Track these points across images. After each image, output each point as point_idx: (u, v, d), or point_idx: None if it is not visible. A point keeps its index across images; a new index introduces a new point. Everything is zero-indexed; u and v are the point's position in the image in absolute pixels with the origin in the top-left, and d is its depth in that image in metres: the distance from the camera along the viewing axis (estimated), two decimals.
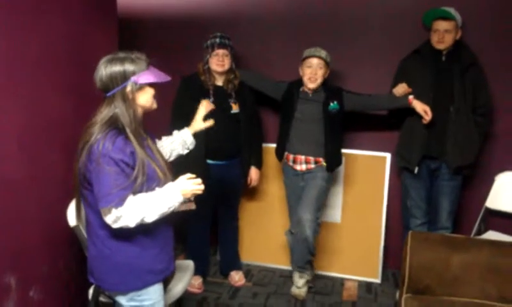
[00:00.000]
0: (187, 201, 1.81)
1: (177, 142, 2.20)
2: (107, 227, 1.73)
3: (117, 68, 1.73)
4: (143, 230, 1.77)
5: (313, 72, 2.92)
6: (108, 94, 1.76)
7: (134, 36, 3.49)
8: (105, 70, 1.74)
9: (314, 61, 2.91)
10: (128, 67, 1.74)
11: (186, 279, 2.35)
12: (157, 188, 1.77)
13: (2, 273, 1.95)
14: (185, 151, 2.24)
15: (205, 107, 2.35)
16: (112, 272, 1.82)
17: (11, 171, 1.98)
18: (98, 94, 1.81)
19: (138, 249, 1.81)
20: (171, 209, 1.77)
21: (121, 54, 1.77)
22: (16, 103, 1.99)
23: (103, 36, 2.65)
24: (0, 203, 1.92)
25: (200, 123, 2.30)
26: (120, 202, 1.66)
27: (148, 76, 1.77)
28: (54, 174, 2.25)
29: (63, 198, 2.21)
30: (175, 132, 2.24)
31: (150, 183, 1.76)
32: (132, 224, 1.70)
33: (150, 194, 1.74)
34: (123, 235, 1.77)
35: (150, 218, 1.72)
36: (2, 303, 1.96)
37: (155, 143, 2.00)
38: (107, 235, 1.79)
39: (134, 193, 1.71)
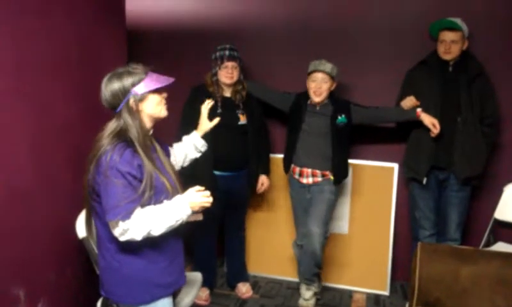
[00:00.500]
0: (194, 213, 1.81)
1: (188, 147, 2.22)
2: (115, 240, 1.74)
3: (116, 84, 1.75)
4: (151, 243, 1.77)
5: (317, 86, 2.92)
6: (116, 111, 1.78)
7: (142, 45, 3.52)
8: (106, 89, 1.77)
9: (319, 76, 2.91)
10: (126, 80, 1.75)
11: (194, 291, 2.34)
12: (165, 201, 1.77)
13: (11, 285, 1.96)
14: (198, 154, 2.26)
15: (206, 105, 2.33)
16: (121, 284, 1.82)
17: (20, 181, 1.99)
18: None
19: (146, 262, 1.81)
20: (179, 222, 1.77)
21: (120, 69, 1.79)
22: (24, 111, 2.00)
23: (112, 45, 2.68)
24: (9, 213, 1.94)
25: (206, 122, 2.29)
26: (127, 215, 1.67)
27: (147, 84, 1.77)
28: (62, 185, 2.26)
29: (72, 208, 2.23)
30: (184, 138, 2.26)
31: (158, 195, 1.76)
32: (138, 237, 1.70)
33: (157, 206, 1.74)
34: (131, 248, 1.77)
35: (157, 231, 1.72)
36: None
37: (168, 155, 2.02)
38: (115, 248, 1.79)
39: (142, 206, 1.72)
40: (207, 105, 2.33)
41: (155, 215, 1.71)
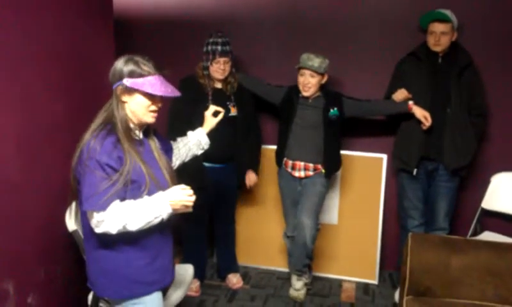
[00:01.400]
0: (176, 212, 1.75)
1: (192, 143, 2.19)
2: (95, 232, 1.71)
3: (120, 65, 1.73)
4: (128, 239, 1.73)
5: (305, 82, 2.90)
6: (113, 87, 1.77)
7: (129, 37, 3.45)
8: (116, 64, 1.75)
9: (306, 71, 2.89)
10: (128, 67, 1.72)
11: (186, 284, 2.33)
12: (145, 196, 1.72)
13: (0, 279, 1.92)
14: (200, 152, 2.23)
15: (212, 108, 2.30)
16: (101, 276, 1.81)
17: (9, 174, 1.94)
18: (95, 94, 1.79)
19: (124, 258, 1.77)
20: (158, 219, 1.71)
21: (137, 57, 1.75)
22: (12, 105, 1.95)
23: (99, 38, 2.62)
24: None
25: (211, 119, 2.26)
26: (103, 206, 1.63)
27: (141, 83, 1.70)
28: (52, 178, 2.22)
29: (61, 202, 2.18)
30: (190, 133, 2.22)
31: (137, 190, 1.71)
32: (113, 230, 1.66)
33: (136, 201, 1.69)
34: (110, 241, 1.74)
35: (133, 226, 1.67)
36: None
37: (169, 150, 1.99)
38: (96, 241, 1.76)
39: (122, 199, 1.68)
40: (211, 109, 2.28)
41: (132, 209, 1.66)
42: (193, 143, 2.18)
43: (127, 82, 1.70)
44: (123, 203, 1.67)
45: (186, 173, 2.02)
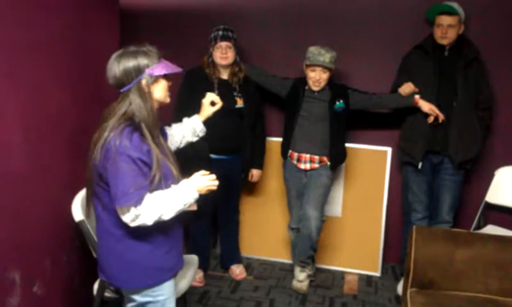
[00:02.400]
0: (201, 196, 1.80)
1: (187, 130, 2.18)
2: (122, 225, 1.72)
3: (131, 62, 1.71)
4: (158, 228, 1.76)
5: (316, 77, 2.89)
6: (122, 89, 1.73)
7: (135, 28, 3.44)
8: (119, 65, 1.71)
9: (317, 66, 2.88)
10: (142, 60, 1.72)
11: (191, 274, 2.34)
12: (172, 186, 1.75)
13: (6, 269, 1.93)
14: (195, 139, 2.22)
15: (209, 96, 2.29)
16: (125, 270, 1.81)
17: (14, 165, 1.95)
18: (100, 84, 1.76)
19: (150, 248, 1.80)
20: (187, 206, 1.76)
21: (133, 48, 1.75)
22: (18, 95, 1.94)
23: (105, 29, 2.61)
24: (4, 197, 1.89)
25: (208, 108, 2.23)
26: (139, 200, 1.65)
27: (161, 68, 1.75)
28: (58, 168, 2.22)
29: (67, 192, 2.20)
30: (185, 119, 2.21)
31: (166, 180, 1.75)
32: (150, 222, 1.69)
33: (166, 191, 1.72)
34: (139, 233, 1.75)
35: (167, 215, 1.71)
36: (7, 299, 1.93)
37: (166, 140, 1.99)
38: (121, 233, 1.77)
39: (151, 191, 1.70)
40: (208, 98, 2.26)
41: (165, 199, 1.70)
42: (188, 130, 2.18)
43: (154, 72, 1.72)
44: (155, 194, 1.70)
45: (193, 165, 2.02)
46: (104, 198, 1.76)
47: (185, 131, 2.17)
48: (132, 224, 1.68)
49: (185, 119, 2.21)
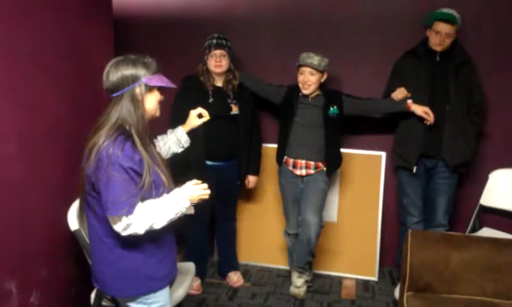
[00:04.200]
0: (192, 205, 1.81)
1: (172, 141, 2.18)
2: (113, 234, 1.73)
3: (129, 69, 1.73)
4: (149, 237, 1.77)
5: (304, 79, 2.91)
6: (115, 94, 1.75)
7: (128, 36, 3.45)
8: (117, 71, 1.73)
9: (306, 69, 2.90)
10: (141, 69, 1.75)
11: (187, 282, 2.34)
12: (164, 195, 1.77)
13: (2, 278, 1.92)
14: (180, 150, 2.22)
15: (200, 111, 2.27)
16: (118, 278, 1.81)
17: (10, 173, 1.95)
18: (95, 94, 1.77)
19: (143, 256, 1.81)
20: (178, 215, 1.77)
21: (133, 56, 1.77)
22: (14, 104, 1.95)
23: (99, 40, 2.62)
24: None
25: (194, 119, 2.23)
26: (130, 210, 1.66)
27: (157, 80, 1.78)
28: (54, 177, 2.22)
29: (63, 201, 2.19)
30: (169, 131, 2.22)
31: (157, 188, 1.75)
32: (141, 231, 1.70)
33: (158, 200, 1.74)
34: (130, 242, 1.76)
35: (159, 224, 1.72)
36: None
37: (155, 148, 2.00)
38: (113, 243, 1.78)
39: (143, 200, 1.71)
40: (197, 110, 2.25)
41: (157, 208, 1.71)
42: (173, 142, 2.18)
43: (150, 81, 1.75)
44: (146, 203, 1.71)
45: (188, 172, 2.03)
46: (96, 207, 1.76)
47: (171, 142, 2.18)
48: (124, 233, 1.69)
49: (169, 131, 2.22)
